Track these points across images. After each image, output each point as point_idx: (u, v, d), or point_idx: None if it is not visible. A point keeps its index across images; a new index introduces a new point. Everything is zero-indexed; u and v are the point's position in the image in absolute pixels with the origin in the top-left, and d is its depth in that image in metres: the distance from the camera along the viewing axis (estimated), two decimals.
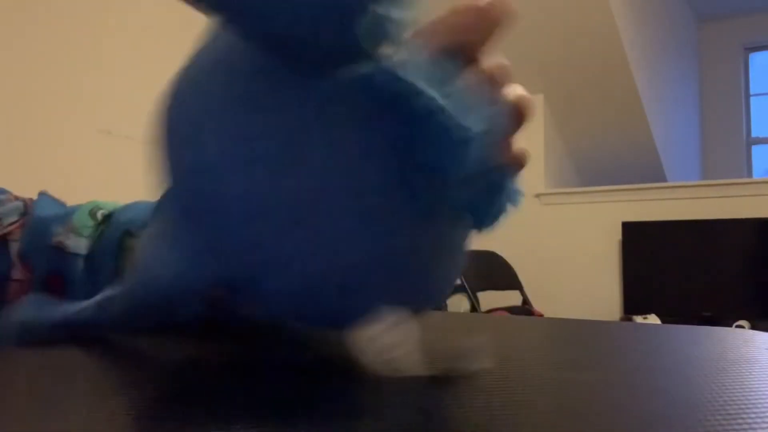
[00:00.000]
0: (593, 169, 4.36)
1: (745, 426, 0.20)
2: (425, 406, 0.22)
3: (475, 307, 2.86)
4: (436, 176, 0.26)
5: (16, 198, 0.50)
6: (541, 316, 2.96)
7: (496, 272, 3.15)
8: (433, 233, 0.30)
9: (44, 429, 0.20)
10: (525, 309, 3.01)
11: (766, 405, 0.22)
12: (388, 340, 0.23)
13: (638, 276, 3.44)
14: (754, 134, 5.35)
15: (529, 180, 3.82)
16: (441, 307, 3.15)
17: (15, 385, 0.27)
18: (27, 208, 0.48)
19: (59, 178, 1.85)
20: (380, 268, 0.27)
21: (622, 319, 3.36)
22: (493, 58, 0.31)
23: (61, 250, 0.46)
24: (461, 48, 0.29)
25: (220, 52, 0.27)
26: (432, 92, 0.25)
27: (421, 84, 0.25)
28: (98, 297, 0.34)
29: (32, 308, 0.39)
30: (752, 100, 5.38)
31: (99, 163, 1.99)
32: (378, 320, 0.25)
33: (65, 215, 0.48)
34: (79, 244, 0.46)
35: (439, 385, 0.24)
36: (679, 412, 0.21)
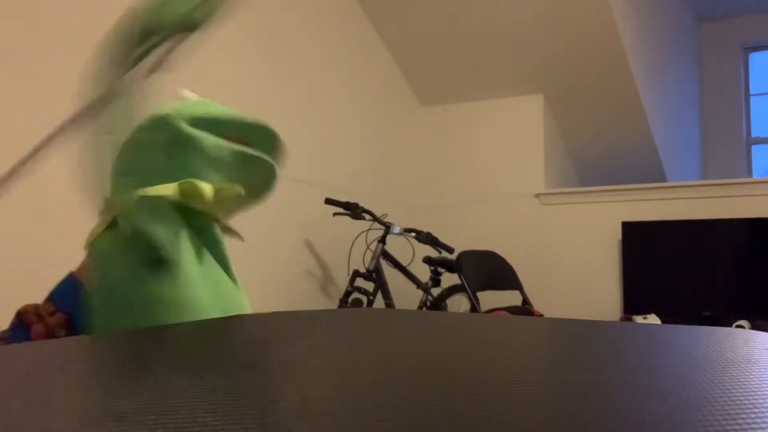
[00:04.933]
0: (593, 169, 4.36)
1: (745, 426, 0.20)
2: (423, 405, 0.22)
3: (475, 307, 2.86)
4: None
5: None
6: (541, 316, 2.96)
7: (496, 272, 3.15)
8: None
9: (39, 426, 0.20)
10: (525, 309, 3.01)
11: (765, 405, 0.22)
12: None
13: (638, 276, 3.43)
14: (754, 134, 5.35)
15: (529, 180, 3.82)
16: (441, 307, 3.14)
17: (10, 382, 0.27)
18: None
19: (62, 178, 1.85)
20: None
21: (622, 319, 3.36)
22: None
23: None
24: None
25: None
26: None
27: None
28: None
29: None
30: (752, 100, 5.38)
31: None
32: None
33: None
34: None
35: (437, 384, 0.24)
36: (679, 413, 0.21)
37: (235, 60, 2.60)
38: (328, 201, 2.87)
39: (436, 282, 3.14)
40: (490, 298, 3.47)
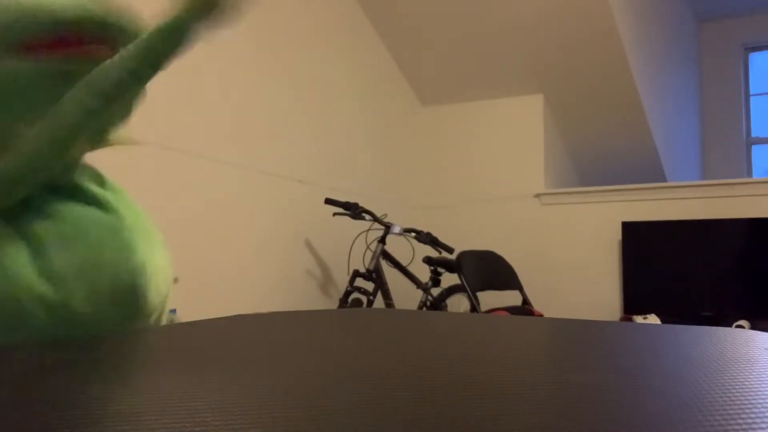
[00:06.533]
0: (593, 169, 4.36)
1: (745, 426, 0.20)
2: (424, 404, 0.22)
3: (475, 307, 2.86)
4: None
5: None
6: (541, 316, 2.96)
7: (496, 272, 3.15)
8: None
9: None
10: (525, 309, 3.00)
11: (765, 405, 0.22)
12: None
13: (638, 276, 3.43)
14: (754, 134, 5.35)
15: (529, 180, 3.82)
16: (441, 307, 3.14)
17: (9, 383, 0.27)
18: None
19: None
20: None
21: (622, 319, 3.36)
22: None
23: None
24: None
25: None
26: None
27: None
28: None
29: None
30: (752, 100, 5.38)
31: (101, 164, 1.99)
32: None
33: None
34: None
35: (438, 385, 0.24)
36: (679, 413, 0.21)
37: (234, 60, 2.60)
38: (328, 201, 2.87)
39: (436, 282, 3.14)
40: (490, 298, 3.47)
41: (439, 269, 3.14)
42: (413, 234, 3.07)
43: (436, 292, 3.25)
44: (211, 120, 2.46)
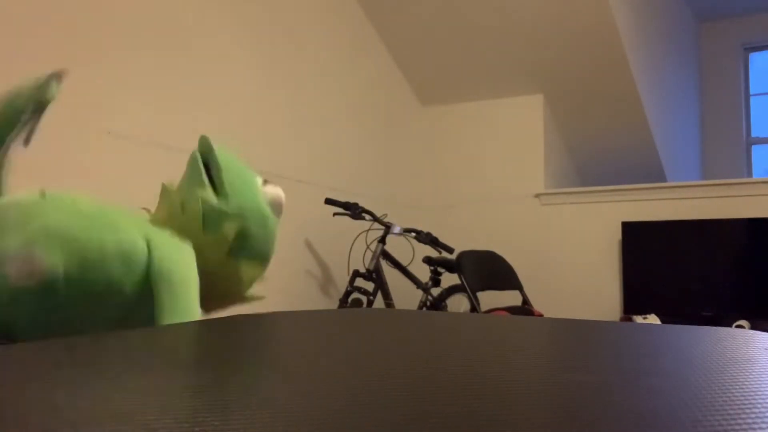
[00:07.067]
0: (593, 169, 4.36)
1: (745, 426, 0.20)
2: (423, 405, 0.22)
3: (475, 307, 2.86)
4: None
5: None
6: (541, 316, 2.95)
7: (496, 272, 3.15)
8: None
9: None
10: (525, 309, 3.00)
11: (765, 405, 0.22)
12: None
13: (638, 276, 3.43)
14: (753, 134, 5.36)
15: (529, 180, 3.82)
16: (441, 307, 3.14)
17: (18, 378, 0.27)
18: None
19: (65, 179, 1.85)
20: None
21: (622, 319, 3.36)
22: None
23: None
24: None
25: None
26: None
27: None
28: None
29: None
30: (752, 100, 5.39)
31: (103, 163, 1.99)
32: None
33: None
34: None
35: (437, 385, 0.24)
36: (679, 412, 0.21)
37: (235, 61, 2.60)
38: (328, 201, 2.87)
39: (436, 282, 3.14)
40: (490, 298, 3.47)
41: (439, 269, 3.13)
42: (413, 234, 3.07)
43: (436, 292, 3.25)
44: (211, 119, 2.46)
